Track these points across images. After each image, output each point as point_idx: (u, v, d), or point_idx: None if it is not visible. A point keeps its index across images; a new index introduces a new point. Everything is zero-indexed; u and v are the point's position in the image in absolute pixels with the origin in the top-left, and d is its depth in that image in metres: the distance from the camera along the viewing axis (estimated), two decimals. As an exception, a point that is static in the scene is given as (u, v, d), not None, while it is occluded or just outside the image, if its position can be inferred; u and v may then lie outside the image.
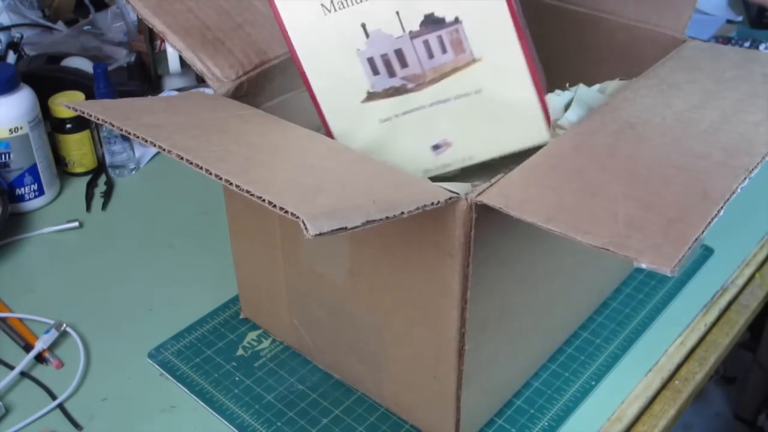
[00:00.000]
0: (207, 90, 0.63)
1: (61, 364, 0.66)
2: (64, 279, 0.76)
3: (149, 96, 1.00)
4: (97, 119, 0.49)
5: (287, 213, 0.38)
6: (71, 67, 0.99)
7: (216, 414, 0.61)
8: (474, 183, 0.49)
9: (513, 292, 0.55)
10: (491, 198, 0.45)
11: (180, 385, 0.64)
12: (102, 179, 0.90)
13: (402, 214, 0.41)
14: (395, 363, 0.58)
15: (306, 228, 0.37)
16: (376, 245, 0.53)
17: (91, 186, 0.89)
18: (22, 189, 0.84)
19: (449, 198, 0.45)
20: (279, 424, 0.60)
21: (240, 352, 0.67)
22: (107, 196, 0.88)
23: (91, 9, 1.14)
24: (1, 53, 1.05)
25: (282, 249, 0.61)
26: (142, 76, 1.03)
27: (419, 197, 0.43)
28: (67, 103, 0.52)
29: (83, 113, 0.50)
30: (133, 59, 1.04)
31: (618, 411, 0.62)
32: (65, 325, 0.68)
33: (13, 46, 1.05)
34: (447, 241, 0.48)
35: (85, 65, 1.00)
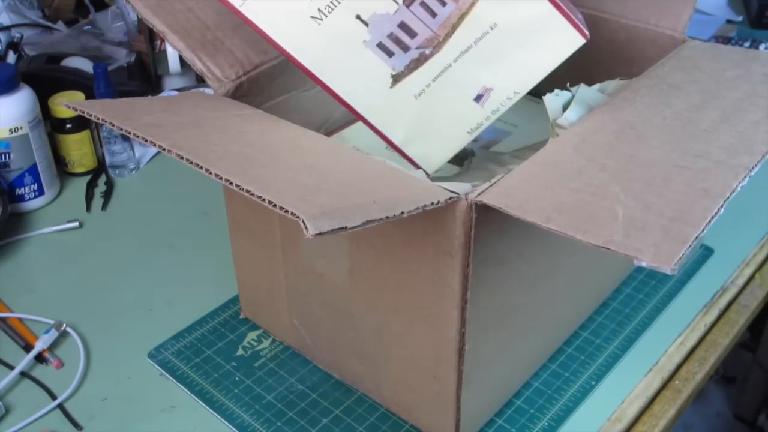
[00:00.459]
0: (207, 90, 0.63)
1: (61, 364, 0.66)
2: (64, 279, 0.76)
3: (149, 96, 1.00)
4: (97, 119, 0.49)
5: (287, 213, 0.38)
6: (71, 67, 0.99)
7: (216, 414, 0.61)
8: (474, 183, 0.49)
9: (513, 292, 0.55)
10: (491, 198, 0.45)
11: (180, 385, 0.64)
12: (102, 179, 0.90)
13: (402, 213, 0.41)
14: (395, 363, 0.58)
15: (306, 227, 0.37)
16: (376, 245, 0.53)
17: (91, 186, 0.89)
18: (22, 189, 0.84)
19: (449, 198, 0.45)
20: (279, 424, 0.60)
21: (240, 352, 0.67)
22: (107, 196, 0.88)
23: (91, 9, 1.14)
24: (1, 53, 1.05)
25: (282, 249, 0.61)
26: (142, 76, 1.03)
27: (419, 197, 0.43)
28: (67, 103, 0.52)
29: (83, 113, 0.50)
30: (133, 59, 1.04)
31: (618, 411, 0.62)
32: (65, 325, 0.68)
33: (13, 46, 1.05)
34: (447, 241, 0.48)
35: (85, 65, 1.00)
